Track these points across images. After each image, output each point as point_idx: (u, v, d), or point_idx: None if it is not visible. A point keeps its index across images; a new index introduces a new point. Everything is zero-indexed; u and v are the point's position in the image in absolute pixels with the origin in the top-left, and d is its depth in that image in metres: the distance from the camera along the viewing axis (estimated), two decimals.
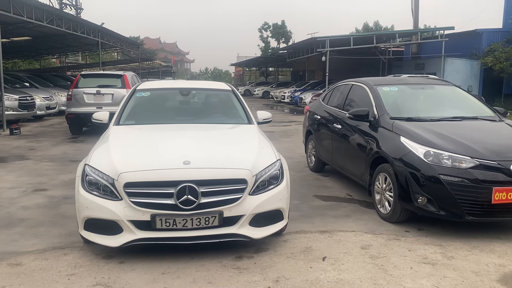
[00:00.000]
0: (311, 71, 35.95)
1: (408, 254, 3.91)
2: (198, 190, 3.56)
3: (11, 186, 6.37)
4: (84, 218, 3.72)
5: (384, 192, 4.87)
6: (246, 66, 53.95)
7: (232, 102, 5.60)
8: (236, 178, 3.74)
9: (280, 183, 3.99)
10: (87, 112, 11.51)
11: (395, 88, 5.81)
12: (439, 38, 21.27)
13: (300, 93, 25.44)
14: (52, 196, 5.87)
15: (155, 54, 67.47)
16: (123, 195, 3.58)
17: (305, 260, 3.78)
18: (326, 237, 4.36)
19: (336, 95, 6.91)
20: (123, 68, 35.82)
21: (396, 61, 26.26)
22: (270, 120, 5.51)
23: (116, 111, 5.19)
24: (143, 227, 3.61)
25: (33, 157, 8.84)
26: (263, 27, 51.24)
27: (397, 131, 4.87)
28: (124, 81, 12.03)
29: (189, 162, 3.70)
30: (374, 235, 4.44)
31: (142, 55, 39.19)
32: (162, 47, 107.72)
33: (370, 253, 3.93)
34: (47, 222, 4.80)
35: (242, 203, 3.70)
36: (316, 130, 7.25)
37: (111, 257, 3.79)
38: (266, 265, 3.68)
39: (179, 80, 10.10)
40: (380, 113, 5.30)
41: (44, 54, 32.52)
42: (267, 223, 3.91)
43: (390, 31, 23.48)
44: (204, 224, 3.63)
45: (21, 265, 3.66)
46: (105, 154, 3.98)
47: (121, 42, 27.65)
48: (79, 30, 19.71)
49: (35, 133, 12.68)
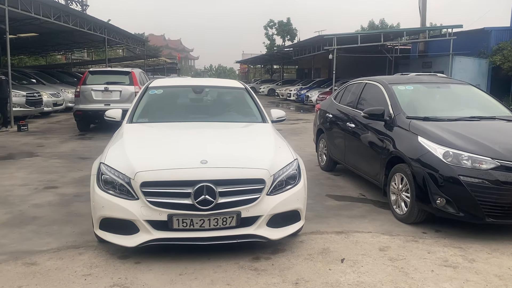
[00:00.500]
0: (317, 69, 35.80)
1: (427, 257, 3.85)
2: (215, 190, 3.50)
3: (22, 184, 6.34)
4: (99, 218, 3.67)
5: (400, 193, 4.80)
6: (251, 63, 53.84)
7: (245, 100, 5.54)
8: (254, 178, 3.68)
9: (298, 183, 3.92)
10: (95, 109, 11.55)
11: (410, 87, 5.73)
12: (447, 37, 21.11)
13: (306, 91, 25.32)
14: (63, 194, 5.83)
15: (159, 51, 67.47)
16: (140, 195, 3.53)
17: (324, 261, 3.72)
18: (343, 238, 4.30)
19: (348, 93, 6.83)
20: (128, 65, 35.80)
21: (403, 60, 26.08)
22: (284, 118, 5.45)
23: (129, 109, 5.14)
24: (159, 227, 3.56)
25: (42, 154, 8.82)
26: (268, 24, 51.05)
27: (414, 130, 4.79)
28: (132, 78, 11.99)
29: (206, 162, 3.64)
30: (391, 236, 4.37)
31: (147, 52, 39.16)
32: (166, 44, 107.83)
33: (389, 255, 3.87)
34: (59, 221, 4.76)
35: (260, 204, 3.65)
36: (328, 129, 7.18)
37: (126, 257, 3.74)
38: (284, 266, 3.62)
39: (191, 78, 10.07)
40: (396, 112, 5.22)
41: (50, 50, 32.59)
42: (285, 223, 3.85)
43: (398, 29, 23.30)
44: (222, 224, 3.57)
45: (36, 264, 3.62)
46: (120, 152, 3.93)
47: (127, 39, 27.62)
48: (85, 27, 19.68)
49: (42, 130, 12.66)
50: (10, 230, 4.44)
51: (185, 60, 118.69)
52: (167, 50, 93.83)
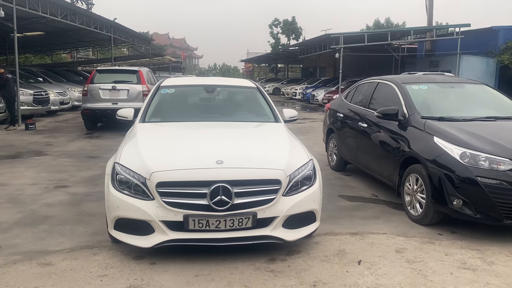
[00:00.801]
0: (322, 68, 35.70)
1: (445, 259, 3.80)
2: (231, 191, 3.47)
3: (32, 183, 6.33)
4: (114, 218, 3.64)
5: (415, 194, 4.75)
6: (256, 62, 53.78)
7: (257, 99, 5.50)
8: (270, 178, 3.64)
9: (313, 184, 3.88)
10: (103, 108, 11.54)
11: (424, 87, 5.67)
12: (454, 35, 20.96)
13: (312, 90, 25.25)
14: (74, 193, 5.81)
15: (164, 49, 67.46)
16: (155, 195, 3.50)
17: (340, 263, 3.68)
18: (358, 239, 4.26)
19: (360, 93, 6.77)
20: (133, 64, 35.83)
21: (409, 59, 25.92)
22: (296, 118, 5.40)
23: (141, 108, 5.11)
24: (175, 227, 3.53)
25: (51, 152, 8.82)
26: (273, 23, 50.99)
27: (429, 131, 4.74)
28: (139, 76, 11.97)
29: (222, 162, 3.61)
30: (407, 238, 4.32)
31: (152, 50, 39.17)
32: (170, 42, 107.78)
33: (406, 257, 3.82)
34: (71, 220, 4.74)
35: (276, 204, 3.61)
36: (338, 128, 7.13)
37: (141, 258, 3.72)
38: (301, 268, 3.58)
39: (203, 77, 10.05)
40: (410, 112, 5.17)
41: (56, 49, 32.64)
42: (300, 225, 3.81)
43: (405, 28, 23.19)
44: (237, 225, 3.54)
45: (51, 265, 3.60)
46: (135, 152, 3.90)
47: (132, 38, 27.61)
48: (92, 25, 19.68)
49: (50, 129, 12.67)
50: (23, 230, 4.42)
51: (189, 58, 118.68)
52: (171, 48, 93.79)
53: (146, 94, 11.67)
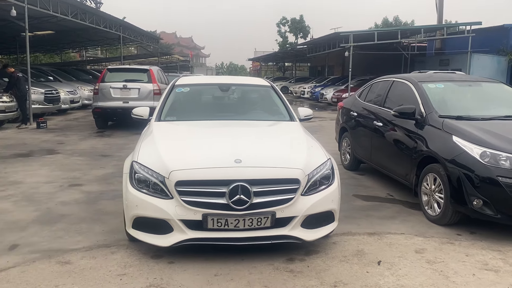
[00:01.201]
0: (330, 67, 35.56)
1: (466, 260, 3.75)
2: (250, 190, 3.44)
3: (47, 181, 6.35)
4: (133, 217, 3.63)
5: (433, 194, 4.69)
6: (263, 61, 53.70)
7: (272, 98, 5.47)
8: (289, 177, 3.61)
9: (332, 183, 3.85)
10: (114, 107, 11.58)
11: (441, 85, 5.60)
12: (465, 34, 20.78)
13: (320, 88, 25.14)
14: (88, 192, 5.82)
15: (171, 48, 67.60)
16: (174, 194, 3.48)
17: (360, 264, 3.64)
18: (376, 239, 4.22)
19: (374, 91, 6.72)
20: (141, 63, 35.92)
21: (419, 57, 25.77)
22: (312, 117, 5.38)
23: (157, 107, 5.10)
24: (193, 226, 3.51)
25: (63, 151, 8.85)
26: (281, 21, 50.76)
27: (448, 130, 4.68)
28: (150, 75, 11.98)
29: (240, 161, 3.59)
30: (425, 238, 4.28)
31: (160, 49, 39.26)
32: (178, 41, 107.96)
33: (426, 258, 3.77)
34: (88, 219, 4.74)
35: (295, 204, 3.58)
36: (352, 127, 7.08)
37: (159, 257, 3.70)
38: (320, 268, 3.55)
39: (218, 76, 10.04)
40: (427, 111, 5.11)
41: (65, 48, 32.80)
42: (319, 224, 3.78)
43: (415, 26, 23.01)
44: (256, 225, 3.52)
45: (70, 263, 3.60)
46: (153, 151, 3.88)
47: (141, 37, 27.68)
48: (101, 24, 19.74)
49: (61, 127, 12.73)
50: (40, 228, 4.44)
51: (196, 57, 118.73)
52: (178, 47, 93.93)
53: (157, 93, 11.70)
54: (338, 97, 20.95)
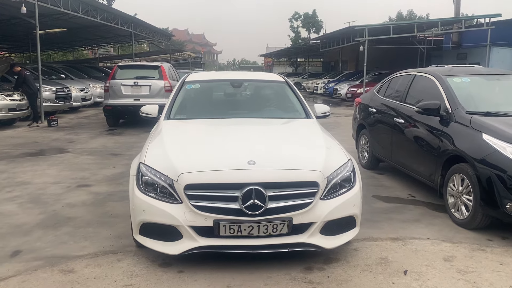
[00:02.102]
0: (344, 62, 35.03)
1: (501, 269, 3.44)
2: (265, 194, 3.18)
3: (54, 181, 6.17)
4: (140, 222, 3.40)
5: (461, 195, 4.38)
6: (276, 56, 53.21)
7: (286, 94, 5.20)
8: (306, 180, 3.34)
9: (353, 186, 3.57)
10: (125, 104, 11.41)
11: (467, 79, 5.25)
12: (484, 26, 20.15)
13: (334, 84, 24.73)
14: (96, 193, 5.62)
15: (183, 45, 67.61)
16: (184, 198, 3.24)
17: (384, 274, 3.36)
18: (400, 245, 3.92)
19: (394, 86, 6.39)
20: (154, 60, 35.81)
21: (435, 51, 25.14)
22: (329, 114, 5.09)
23: (166, 105, 4.87)
24: (204, 233, 3.27)
25: (73, 150, 8.69)
26: (293, 17, 50.45)
27: (477, 127, 4.35)
28: (161, 72, 11.78)
29: (254, 162, 3.32)
30: (453, 244, 3.97)
31: (172, 46, 39.13)
32: (190, 38, 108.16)
33: (456, 267, 3.48)
34: (94, 222, 4.53)
35: (313, 209, 3.31)
36: (370, 124, 6.76)
37: (168, 265, 3.47)
38: (342, 279, 3.27)
39: (230, 71, 9.78)
40: (453, 107, 4.78)
41: (78, 45, 32.87)
42: (339, 231, 3.50)
43: (432, 19, 22.43)
44: (272, 232, 3.26)
45: (73, 272, 3.38)
46: (161, 152, 3.64)
47: (153, 33, 27.56)
48: (113, 21, 19.64)
49: (72, 125, 12.62)
50: (44, 232, 4.24)
51: (208, 54, 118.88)
52: (190, 44, 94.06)
53: (168, 90, 11.49)
54: (353, 93, 20.57)
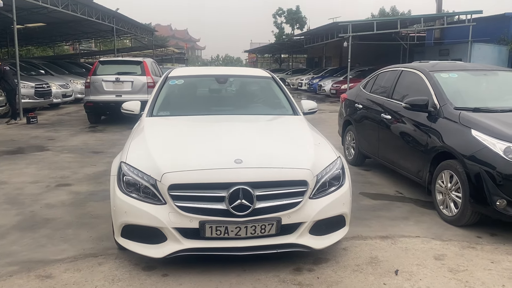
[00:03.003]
0: (327, 58, 35.05)
1: (492, 267, 3.39)
2: (253, 194, 3.07)
3: (33, 181, 5.95)
4: (121, 224, 3.25)
5: (449, 192, 4.33)
6: (260, 52, 53.02)
7: (273, 90, 5.08)
8: (295, 179, 3.23)
9: (343, 184, 3.48)
10: (107, 101, 11.15)
11: (454, 75, 5.21)
12: (466, 23, 20.34)
13: (318, 80, 24.71)
14: (77, 192, 5.43)
15: (166, 41, 66.91)
16: (168, 199, 3.10)
17: (375, 274, 3.28)
18: (390, 244, 3.85)
19: (381, 82, 6.32)
20: (136, 55, 35.31)
21: (418, 47, 25.33)
22: (316, 110, 4.99)
23: (149, 101, 4.70)
24: (189, 235, 3.14)
25: (53, 148, 8.43)
26: (277, 12, 50.10)
27: (465, 123, 4.30)
28: (144, 68, 11.53)
29: (241, 161, 3.20)
30: (443, 241, 3.92)
31: (154, 42, 38.65)
32: (173, 34, 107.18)
33: (447, 266, 3.42)
34: (74, 223, 4.36)
35: (302, 209, 3.21)
36: (357, 120, 6.69)
37: (152, 268, 3.33)
38: (332, 280, 3.18)
39: (214, 67, 9.58)
40: (441, 103, 4.73)
41: (58, 40, 32.23)
42: (329, 230, 3.41)
43: (415, 16, 22.50)
44: (260, 232, 3.14)
45: (51, 277, 3.21)
46: (143, 150, 3.49)
47: (135, 29, 27.14)
48: (94, 16, 19.24)
49: (52, 122, 12.29)
50: (21, 235, 4.05)
51: (192, 50, 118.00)
52: (173, 40, 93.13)
53: (151, 86, 11.25)
54: (337, 89, 20.58)
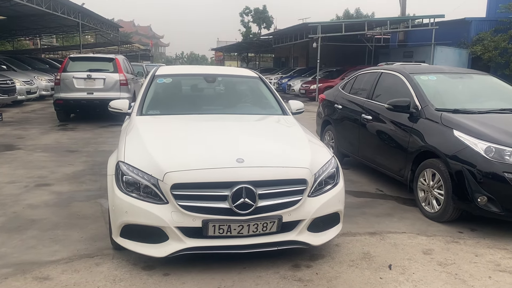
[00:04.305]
0: (295, 58, 35.44)
1: (477, 260, 3.60)
2: (255, 192, 3.12)
3: (9, 181, 5.75)
4: (121, 224, 3.23)
5: (432, 190, 4.54)
6: (227, 51, 52.95)
7: (261, 90, 5.14)
8: (296, 178, 3.32)
9: (338, 182, 3.60)
10: (78, 98, 10.89)
11: (433, 77, 5.45)
12: (429, 26, 21.12)
13: (287, 80, 24.95)
14: (58, 192, 5.30)
15: (130, 37, 65.61)
16: (170, 198, 3.11)
17: (370, 269, 3.41)
18: (379, 240, 4.01)
19: (360, 83, 6.51)
20: (100, 51, 34.43)
21: (383, 49, 26.07)
22: (303, 110, 5.08)
23: (137, 99, 4.66)
24: (192, 234, 3.16)
25: (24, 146, 8.15)
26: (244, 11, 50.29)
27: (447, 124, 4.52)
28: (116, 65, 11.30)
29: (242, 160, 3.25)
30: (428, 237, 4.11)
31: (120, 38, 37.83)
32: (136, 30, 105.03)
33: (436, 259, 3.59)
34: (62, 224, 4.26)
35: (302, 206, 3.29)
36: (336, 120, 6.86)
37: (152, 268, 3.33)
38: (331, 276, 3.29)
39: (199, 66, 9.47)
40: (423, 104, 4.94)
41: (18, 35, 31.03)
42: (325, 227, 3.52)
43: (382, 18, 23.13)
44: (262, 230, 3.21)
45: (49, 279, 3.15)
46: (141, 149, 3.47)
47: (101, 24, 26.52)
48: (59, 10, 18.68)
49: (18, 120, 11.85)
50: (8, 236, 3.93)
51: (155, 47, 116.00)
52: (136, 36, 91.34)
53: (123, 84, 11.09)
54: (306, 89, 20.89)
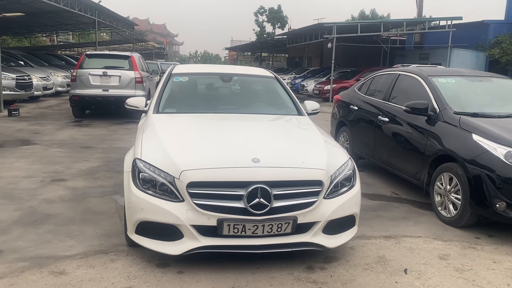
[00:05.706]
0: (308, 58, 35.33)
1: (495, 267, 3.53)
2: (270, 193, 3.11)
3: (26, 175, 5.82)
4: (137, 221, 3.24)
5: (448, 194, 4.47)
6: (240, 50, 52.98)
7: (276, 90, 5.13)
8: (311, 179, 3.29)
9: (354, 185, 3.56)
10: (93, 95, 10.98)
11: (452, 80, 5.37)
12: (446, 28, 20.88)
13: (301, 80, 24.86)
14: (74, 188, 5.34)
15: (144, 35, 66.03)
16: (186, 196, 3.11)
17: (385, 273, 3.37)
18: (394, 244, 3.96)
19: (377, 85, 6.45)
20: (115, 49, 34.72)
21: (399, 51, 25.86)
22: (318, 111, 5.05)
23: (154, 97, 4.68)
24: (206, 233, 3.16)
25: (40, 141, 8.25)
26: (258, 11, 50.32)
27: (466, 127, 4.45)
28: (132, 62, 11.38)
29: (258, 160, 3.24)
30: (445, 242, 4.05)
31: (134, 36, 38.09)
32: (151, 28, 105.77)
33: (453, 265, 3.54)
34: (77, 219, 4.30)
35: (318, 208, 3.27)
36: (352, 122, 6.81)
37: (166, 265, 3.33)
38: (345, 279, 3.26)
39: (216, 65, 9.52)
40: (441, 107, 4.87)
41: (36, 31, 31.42)
42: (340, 230, 3.49)
43: (398, 19, 22.92)
44: (276, 231, 3.19)
45: (65, 273, 3.18)
46: (158, 147, 3.48)
47: (116, 22, 26.70)
48: (76, 7, 18.86)
49: (35, 115, 12.00)
50: (24, 230, 3.97)
51: (170, 45, 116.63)
52: (151, 34, 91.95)
53: (139, 82, 11.16)
54: (320, 89, 20.79)
